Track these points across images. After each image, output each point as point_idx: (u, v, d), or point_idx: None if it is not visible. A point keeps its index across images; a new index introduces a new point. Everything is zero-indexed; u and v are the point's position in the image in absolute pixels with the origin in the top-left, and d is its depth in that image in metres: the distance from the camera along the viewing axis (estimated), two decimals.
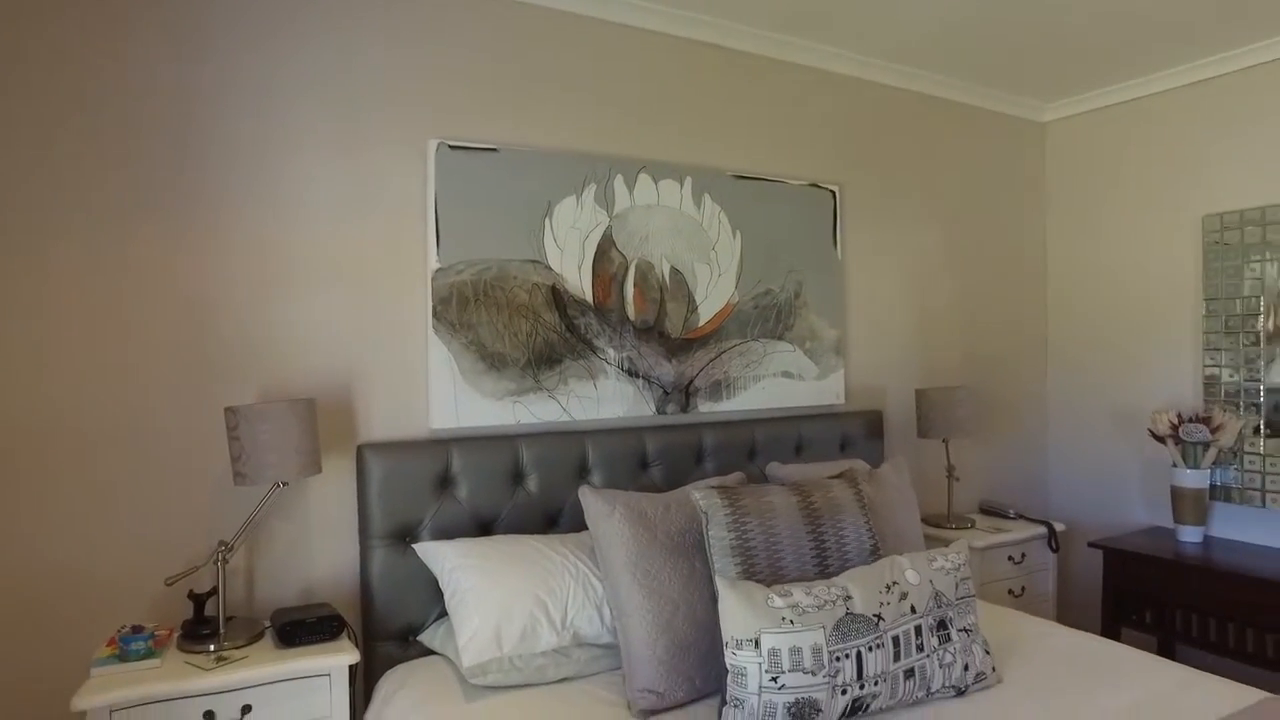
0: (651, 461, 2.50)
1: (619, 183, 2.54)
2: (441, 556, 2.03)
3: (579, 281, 2.47)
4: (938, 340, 3.39)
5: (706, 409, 2.69)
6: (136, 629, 1.81)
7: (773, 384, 2.83)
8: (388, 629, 2.14)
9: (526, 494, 2.31)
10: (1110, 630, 3.03)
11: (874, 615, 1.78)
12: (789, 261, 2.87)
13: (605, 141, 2.56)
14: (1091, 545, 3.11)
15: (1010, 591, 3.06)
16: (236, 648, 1.86)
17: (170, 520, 2.01)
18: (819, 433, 2.83)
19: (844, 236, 3.07)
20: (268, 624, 2.00)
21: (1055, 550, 3.16)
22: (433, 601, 2.17)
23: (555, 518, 2.34)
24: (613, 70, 2.59)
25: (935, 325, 3.39)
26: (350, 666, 1.88)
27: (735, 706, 1.68)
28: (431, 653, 2.11)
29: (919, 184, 3.34)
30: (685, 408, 2.65)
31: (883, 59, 3.11)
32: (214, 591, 1.93)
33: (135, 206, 1.96)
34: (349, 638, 1.96)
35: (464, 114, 2.35)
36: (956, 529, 3.06)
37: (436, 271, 2.26)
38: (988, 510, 3.35)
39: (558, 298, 2.44)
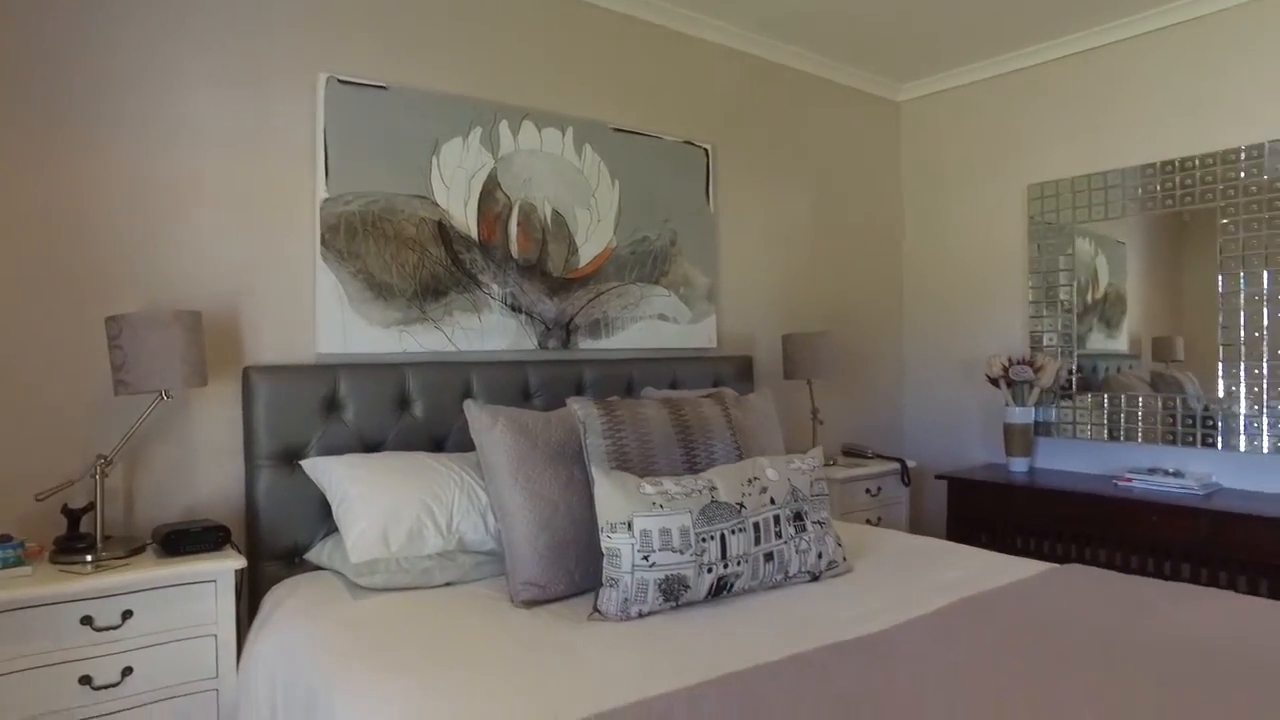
0: (534, 393, 2.62)
1: (504, 128, 2.66)
2: (329, 470, 2.09)
3: (465, 218, 2.57)
4: (804, 294, 3.67)
5: (586, 346, 2.84)
6: (4, 538, 1.77)
7: (649, 326, 3.01)
8: (274, 549, 2.17)
9: (413, 418, 2.39)
10: None
11: (736, 503, 1.97)
12: (664, 212, 3.06)
13: (491, 88, 2.67)
14: (938, 477, 3.46)
15: (868, 521, 3.35)
16: (116, 559, 1.86)
17: (42, 434, 1.98)
18: (692, 374, 3.02)
19: (716, 192, 3.29)
20: (149, 541, 2.00)
21: (907, 484, 3.49)
22: (320, 521, 2.22)
23: (441, 442, 2.43)
24: (501, 21, 2.70)
25: (802, 280, 3.67)
26: (237, 572, 1.92)
27: (611, 586, 1.83)
28: (320, 571, 2.16)
29: (788, 151, 3.60)
30: (566, 344, 2.79)
31: (756, 32, 3.36)
32: (91, 507, 1.92)
33: None
34: (235, 549, 1.99)
35: (355, 51, 2.41)
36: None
37: (325, 201, 2.31)
38: (849, 452, 3.65)
39: (444, 233, 2.53)
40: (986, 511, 3.30)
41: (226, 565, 1.89)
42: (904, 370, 4.14)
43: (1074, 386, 3.42)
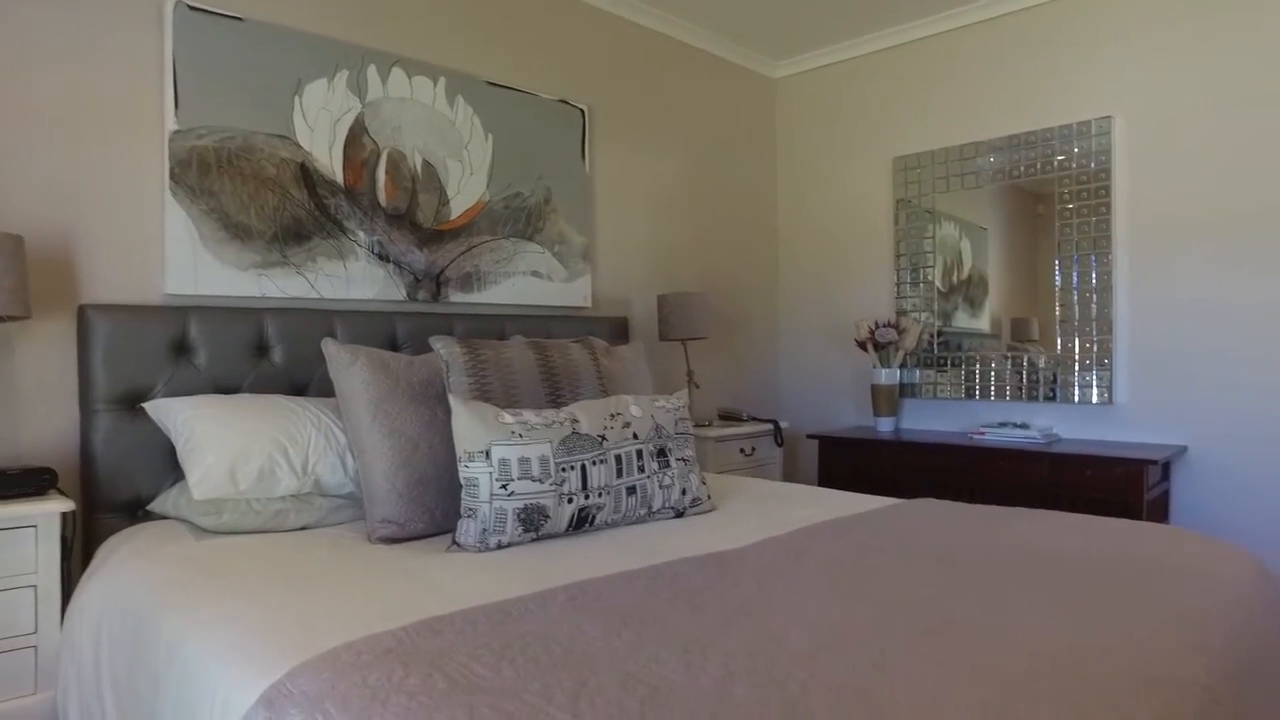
0: (401, 344, 2.57)
1: (372, 72, 2.59)
2: (175, 410, 1.98)
3: (330, 162, 2.49)
4: (681, 260, 3.74)
5: (458, 299, 2.80)
6: None
7: (522, 282, 2.99)
8: (114, 500, 2.05)
9: (271, 365, 2.30)
10: None
11: (598, 436, 1.98)
12: (539, 168, 3.05)
13: (359, 31, 2.60)
14: (810, 436, 3.58)
15: None
16: None
17: None
18: (565, 332, 3.02)
19: (593, 153, 3.31)
20: None
21: (780, 444, 3.60)
22: (166, 471, 2.11)
23: (302, 389, 2.35)
24: None
25: (679, 246, 3.73)
26: (66, 519, 1.80)
27: (469, 517, 1.81)
28: (165, 520, 2.05)
29: (668, 119, 3.66)
30: (436, 296, 2.74)
31: None
32: None
33: None
34: (61, 494, 1.86)
35: None
36: (696, 427, 3.39)
37: (175, 134, 2.20)
38: (725, 415, 3.73)
39: (307, 175, 2.44)
40: (854, 467, 3.44)
41: (50, 508, 1.76)
42: (779, 337, 4.27)
43: (935, 349, 3.61)
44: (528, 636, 1.19)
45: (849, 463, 3.46)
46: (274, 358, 2.31)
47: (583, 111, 3.22)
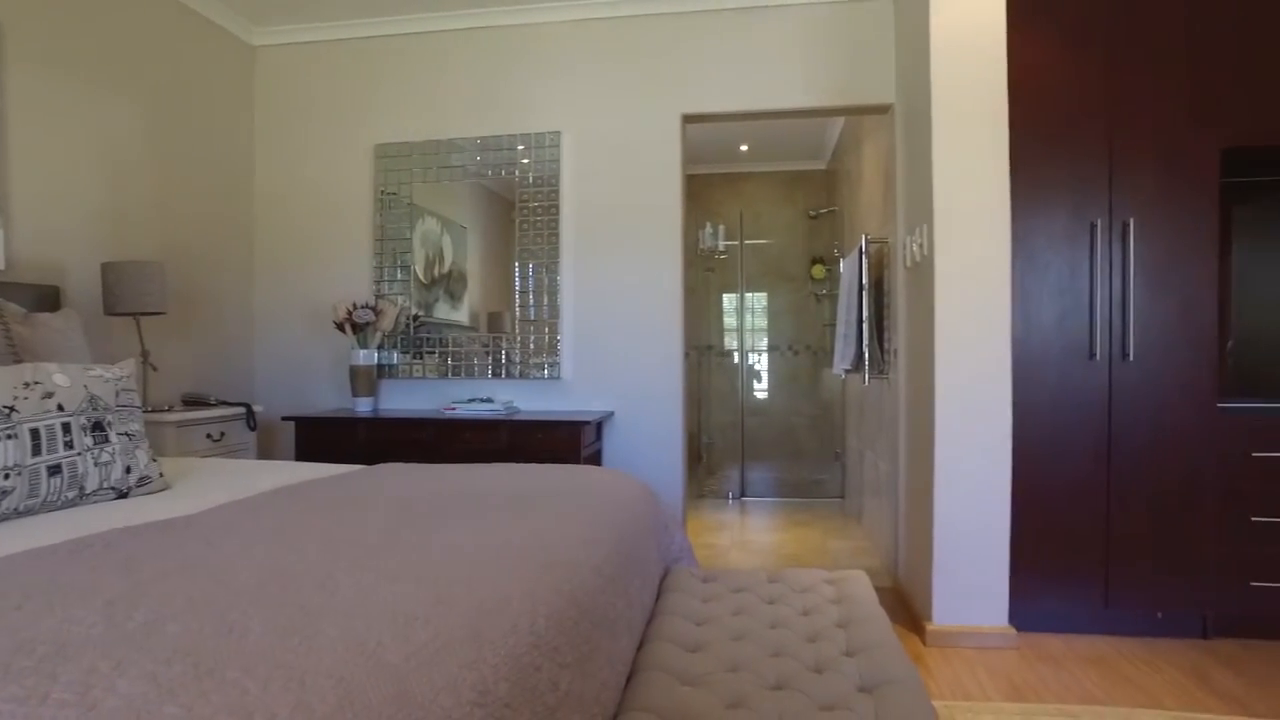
0: None
1: None
2: None
3: None
4: (138, 226, 3.30)
5: None
6: None
7: None
8: None
9: None
10: None
11: (5, 407, 1.69)
12: None
13: None
14: (285, 419, 3.47)
15: None
16: None
17: None
18: None
19: (4, 79, 2.74)
20: None
21: (253, 428, 3.42)
22: None
23: None
24: None
25: (135, 211, 3.29)
26: None
27: None
28: None
29: (122, 62, 3.19)
30: None
31: None
32: None
33: None
34: None
35: None
36: (153, 411, 3.04)
37: None
38: (190, 401, 3.41)
39: None
40: (332, 447, 3.44)
41: None
42: (255, 318, 4.04)
43: (413, 332, 3.80)
44: None
45: (327, 443, 3.45)
46: None
47: None
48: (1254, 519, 2.70)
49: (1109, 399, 2.74)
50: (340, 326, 3.62)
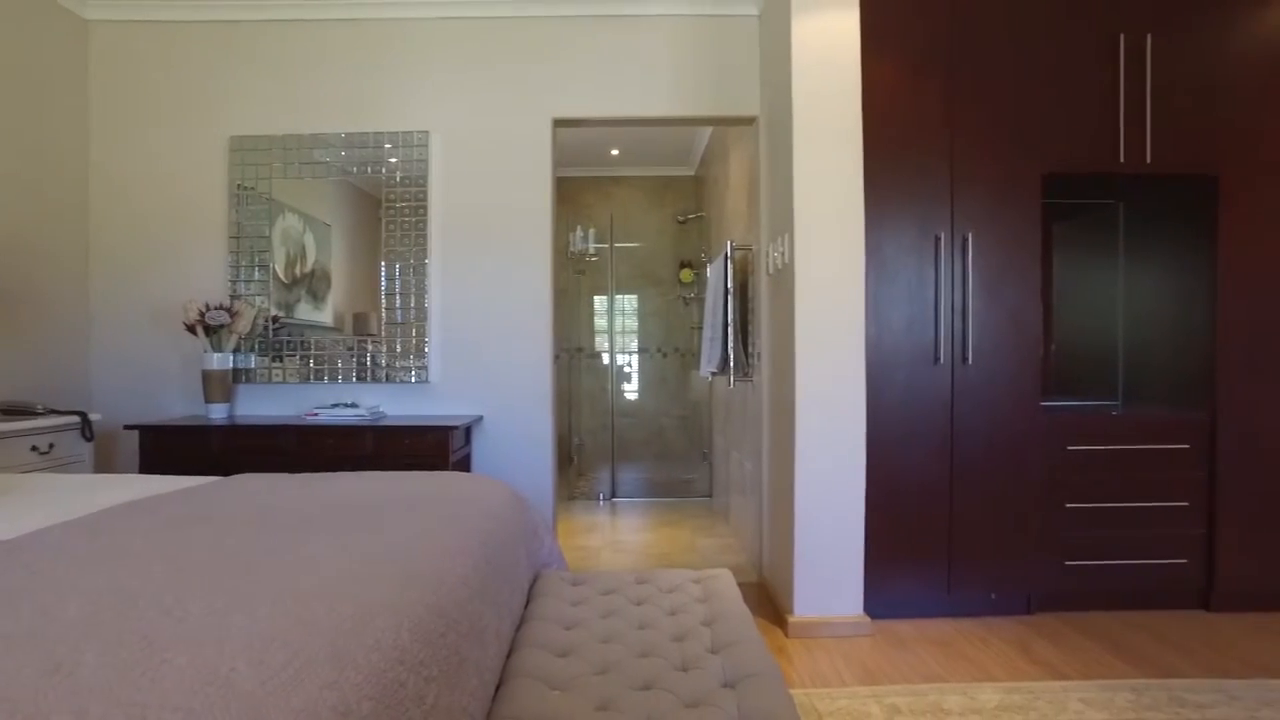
0: None
1: None
2: None
3: None
4: None
5: None
6: None
7: None
8: None
9: None
10: None
11: None
12: None
13: None
14: (128, 427, 3.23)
15: None
16: None
17: None
18: None
19: None
20: None
21: (89, 438, 3.16)
22: None
23: None
24: None
25: None
26: None
27: None
28: None
29: None
30: None
31: None
32: None
33: None
34: None
35: None
36: None
37: None
38: (11, 410, 3.11)
39: None
40: (183, 457, 3.23)
41: None
42: (92, 320, 3.72)
43: (271, 335, 3.62)
44: None
45: (177, 453, 3.23)
46: None
47: None
48: (1068, 505, 2.99)
49: (951, 400, 2.96)
50: (191, 328, 3.40)
